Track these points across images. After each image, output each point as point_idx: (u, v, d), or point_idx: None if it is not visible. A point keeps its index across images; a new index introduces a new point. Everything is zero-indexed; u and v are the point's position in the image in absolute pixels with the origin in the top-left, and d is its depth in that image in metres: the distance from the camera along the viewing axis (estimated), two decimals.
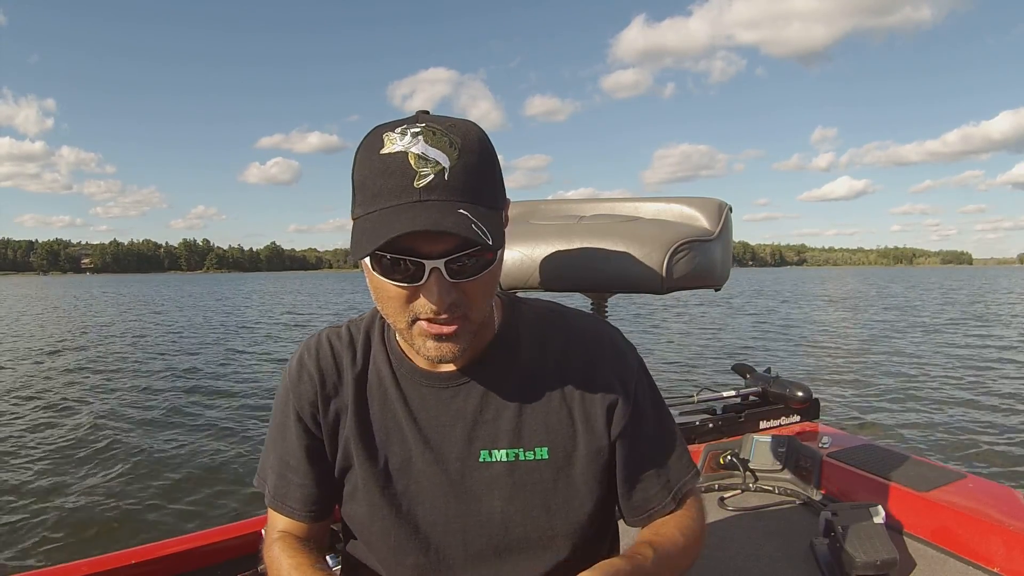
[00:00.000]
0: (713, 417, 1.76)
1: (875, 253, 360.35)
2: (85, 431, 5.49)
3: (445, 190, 0.59)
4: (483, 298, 0.66)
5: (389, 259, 0.61)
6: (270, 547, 0.76)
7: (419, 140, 0.60)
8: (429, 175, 0.59)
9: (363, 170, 0.63)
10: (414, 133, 0.60)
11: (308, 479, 0.76)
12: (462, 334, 0.65)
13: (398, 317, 0.65)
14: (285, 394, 0.77)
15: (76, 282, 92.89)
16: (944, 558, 1.21)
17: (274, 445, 0.78)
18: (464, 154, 0.61)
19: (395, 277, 0.62)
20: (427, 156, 0.59)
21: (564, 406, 0.74)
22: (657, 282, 1.09)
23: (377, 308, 0.70)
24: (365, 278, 0.67)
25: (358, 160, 0.64)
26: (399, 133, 0.61)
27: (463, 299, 0.63)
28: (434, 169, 0.59)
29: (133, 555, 1.10)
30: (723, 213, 1.21)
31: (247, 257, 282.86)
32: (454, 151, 0.60)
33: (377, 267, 0.62)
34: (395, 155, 0.60)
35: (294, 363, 0.78)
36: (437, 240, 0.60)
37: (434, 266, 0.60)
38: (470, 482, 0.72)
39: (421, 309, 0.63)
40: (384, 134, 0.62)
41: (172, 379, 8.21)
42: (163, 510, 3.76)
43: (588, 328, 0.78)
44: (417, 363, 0.75)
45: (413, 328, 0.65)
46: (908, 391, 6.89)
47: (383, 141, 0.61)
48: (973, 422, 5.55)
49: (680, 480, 0.77)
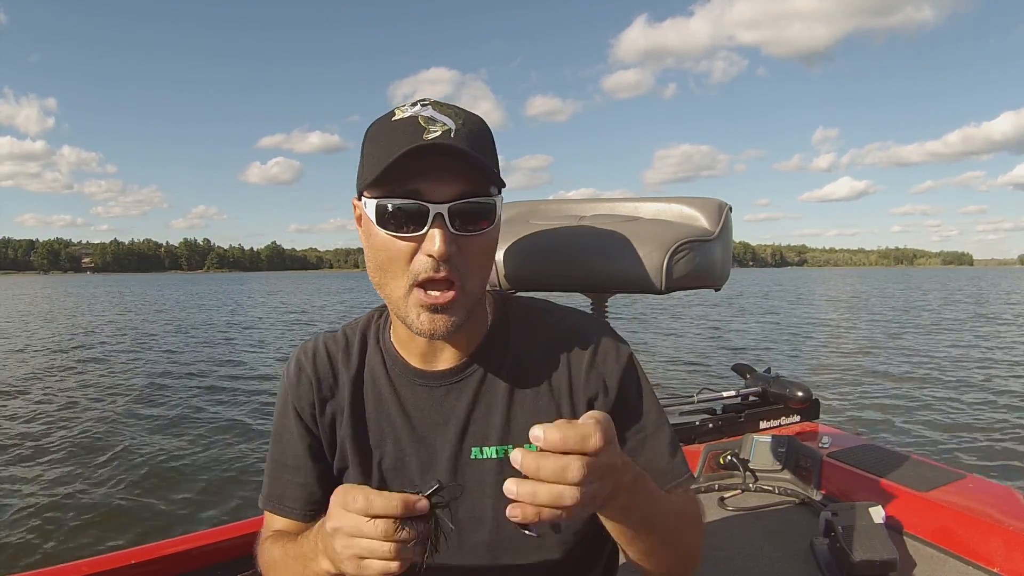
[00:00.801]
0: (713, 417, 1.76)
1: (876, 254, 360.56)
2: (86, 431, 5.49)
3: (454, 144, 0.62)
4: (479, 268, 0.67)
5: (394, 206, 0.63)
6: (263, 546, 0.76)
7: (428, 108, 0.65)
8: (437, 131, 0.63)
9: (372, 140, 0.67)
10: (423, 103, 0.66)
11: (309, 477, 0.76)
12: (457, 306, 0.66)
13: (396, 283, 0.66)
14: (284, 397, 0.78)
15: (76, 281, 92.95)
16: (944, 558, 1.20)
17: (271, 453, 0.79)
18: (468, 124, 0.65)
19: (398, 229, 0.63)
20: (435, 119, 0.64)
21: (552, 402, 0.74)
22: (657, 282, 1.09)
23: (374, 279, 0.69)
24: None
25: (368, 137, 0.68)
26: (409, 105, 0.66)
27: (461, 260, 0.65)
28: (442, 128, 0.63)
29: (133, 555, 1.10)
30: (723, 213, 1.21)
31: (248, 257, 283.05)
32: (459, 120, 0.65)
33: (380, 220, 0.64)
34: (406, 119, 0.64)
35: (292, 366, 0.79)
36: (443, 186, 0.62)
37: (438, 211, 0.62)
38: (462, 480, 0.73)
39: (420, 268, 0.64)
40: (394, 109, 0.67)
41: (173, 379, 8.21)
42: (163, 510, 3.77)
43: (576, 324, 0.78)
44: (411, 362, 0.75)
45: (409, 297, 0.66)
46: (908, 391, 6.89)
47: (394, 113, 0.67)
48: (973, 422, 5.55)
49: (673, 481, 0.74)
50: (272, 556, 0.72)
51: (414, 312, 0.66)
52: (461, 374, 0.74)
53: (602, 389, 0.74)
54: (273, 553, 0.72)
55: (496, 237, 0.69)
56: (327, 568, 0.61)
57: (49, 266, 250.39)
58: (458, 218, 0.63)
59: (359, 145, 0.69)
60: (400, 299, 0.67)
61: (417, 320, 0.66)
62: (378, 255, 0.66)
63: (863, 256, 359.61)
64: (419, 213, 0.62)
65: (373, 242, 0.67)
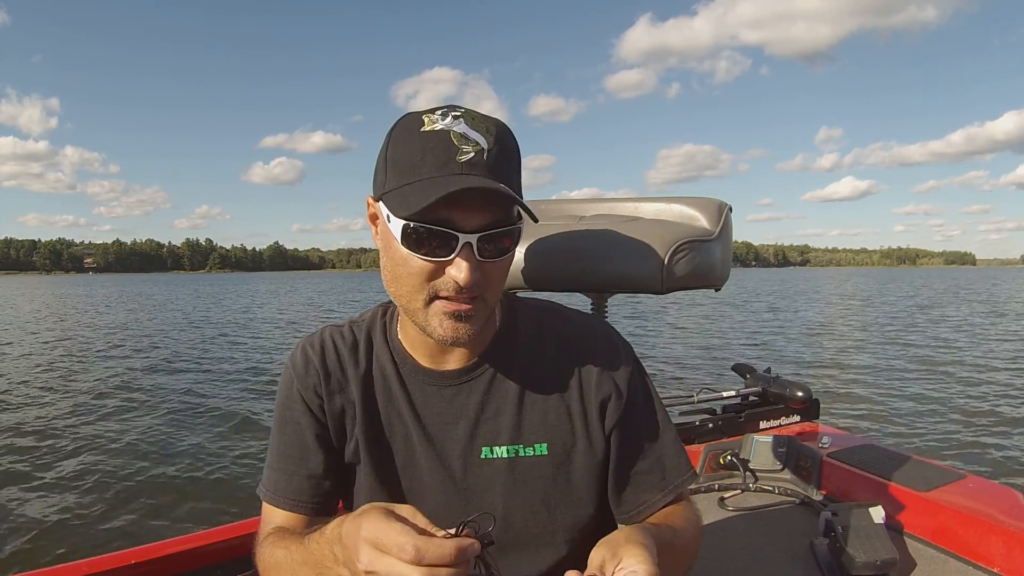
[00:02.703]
0: (713, 417, 1.76)
1: (878, 254, 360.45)
2: (87, 431, 5.49)
3: (484, 168, 0.62)
4: (499, 283, 0.68)
5: (423, 230, 0.62)
6: (263, 545, 0.71)
7: (460, 122, 0.63)
8: (470, 153, 0.62)
9: (400, 147, 0.65)
10: (455, 116, 0.64)
11: (318, 469, 0.74)
12: (478, 316, 0.66)
13: (415, 295, 0.66)
14: (288, 386, 0.76)
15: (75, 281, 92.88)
16: (944, 558, 1.20)
17: (274, 445, 0.77)
18: (500, 141, 0.65)
19: (423, 251, 0.63)
20: (468, 136, 0.63)
21: (562, 402, 0.75)
22: (657, 282, 1.09)
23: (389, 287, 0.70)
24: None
25: (394, 138, 0.66)
26: (440, 115, 0.64)
27: (483, 280, 0.65)
28: (475, 148, 0.62)
29: (133, 555, 1.10)
30: (723, 213, 1.21)
31: (250, 257, 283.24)
32: (491, 137, 0.64)
33: (406, 240, 0.63)
34: (437, 132, 0.63)
35: (298, 355, 0.77)
36: (473, 214, 0.62)
37: (467, 240, 0.62)
38: (472, 479, 0.73)
39: (443, 286, 0.64)
40: (423, 116, 0.65)
41: (174, 379, 8.21)
42: (163, 510, 3.76)
43: (583, 325, 0.79)
44: (420, 361, 0.75)
45: (430, 307, 0.66)
46: (908, 391, 6.89)
47: (423, 121, 0.64)
48: (973, 422, 5.55)
49: (676, 480, 0.76)
50: (275, 558, 0.67)
51: (436, 320, 0.66)
52: (471, 374, 0.74)
53: (614, 391, 0.75)
54: (276, 555, 0.67)
55: (512, 258, 0.70)
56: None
57: (51, 266, 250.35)
58: (484, 245, 0.63)
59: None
60: (419, 310, 0.66)
61: (440, 327, 0.66)
62: (398, 268, 0.66)
63: (866, 256, 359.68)
64: (447, 241, 0.62)
65: (392, 254, 0.66)
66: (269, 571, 0.68)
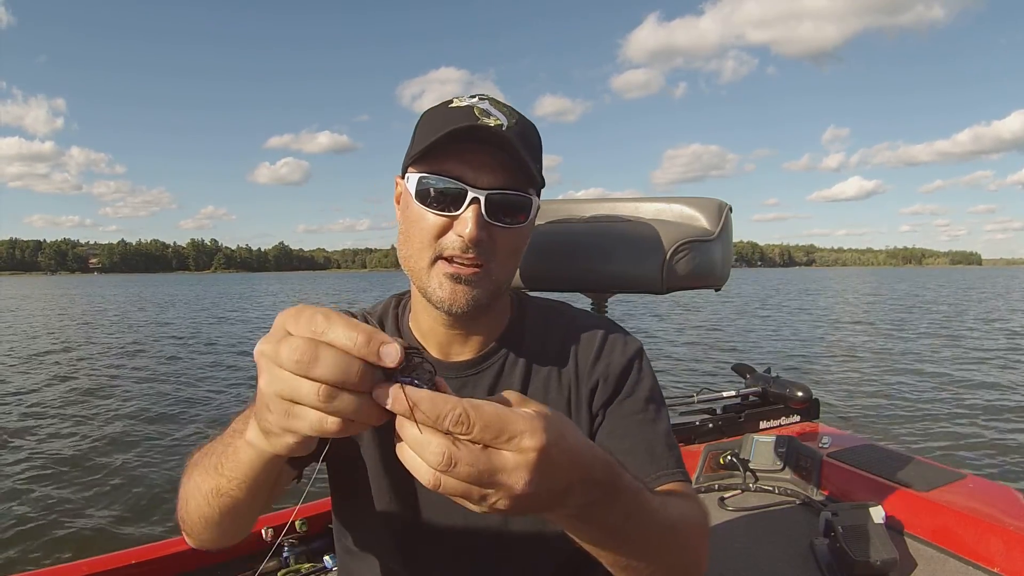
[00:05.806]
0: (713, 417, 1.76)
1: (884, 253, 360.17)
2: (87, 431, 5.49)
3: (502, 137, 0.64)
4: (507, 257, 0.69)
5: (434, 180, 0.65)
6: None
7: (485, 102, 0.68)
8: (491, 123, 0.64)
9: (426, 123, 0.69)
10: (481, 97, 0.69)
11: None
12: (480, 283, 0.67)
13: (422, 254, 0.67)
14: None
15: (78, 282, 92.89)
16: (944, 558, 1.20)
17: None
18: (521, 124, 0.68)
19: (434, 205, 0.65)
20: (490, 112, 0.66)
21: (562, 395, 0.75)
22: (657, 282, 1.09)
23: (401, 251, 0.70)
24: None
25: (423, 117, 0.71)
26: (468, 97, 0.69)
27: (490, 247, 0.66)
28: (495, 121, 0.65)
29: (133, 555, 1.10)
30: (723, 213, 1.21)
31: (255, 257, 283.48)
32: (513, 118, 0.67)
33: (419, 194, 0.66)
34: (462, 107, 0.67)
35: None
36: (485, 173, 0.64)
37: (476, 195, 0.64)
38: None
39: (448, 245, 0.65)
40: (453, 99, 0.70)
41: (175, 377, 8.21)
42: (163, 510, 3.76)
43: (587, 324, 0.79)
44: (431, 352, 0.75)
45: (433, 268, 0.67)
46: (908, 391, 6.89)
47: (451, 101, 0.69)
48: (973, 422, 5.55)
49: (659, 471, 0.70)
50: (190, 464, 0.62)
51: (435, 281, 0.67)
52: (479, 366, 0.75)
53: (603, 378, 0.75)
54: (192, 461, 0.62)
55: (527, 236, 0.71)
56: (251, 438, 0.48)
57: (56, 267, 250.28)
58: (493, 207, 0.65)
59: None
60: (423, 270, 0.67)
61: (439, 289, 0.67)
62: (410, 227, 0.68)
63: (871, 256, 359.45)
64: (457, 194, 0.64)
65: (408, 215, 0.68)
66: (184, 488, 0.63)
